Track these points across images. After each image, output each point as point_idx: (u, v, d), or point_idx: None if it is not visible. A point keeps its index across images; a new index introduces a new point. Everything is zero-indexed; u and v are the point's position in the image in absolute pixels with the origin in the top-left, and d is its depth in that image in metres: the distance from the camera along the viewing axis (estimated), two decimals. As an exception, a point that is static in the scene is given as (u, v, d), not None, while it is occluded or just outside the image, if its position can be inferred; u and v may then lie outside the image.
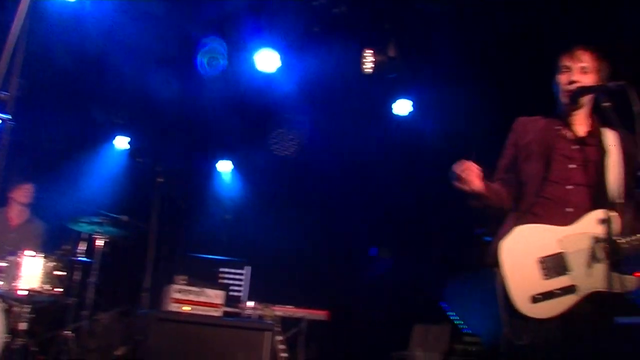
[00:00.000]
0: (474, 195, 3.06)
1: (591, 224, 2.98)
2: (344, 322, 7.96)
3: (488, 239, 8.24)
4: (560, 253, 2.96)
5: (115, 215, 5.68)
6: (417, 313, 8.57)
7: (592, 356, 2.95)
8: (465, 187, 2.99)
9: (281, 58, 6.47)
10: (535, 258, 2.98)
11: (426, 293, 9.21)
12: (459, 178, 2.99)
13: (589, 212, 3.01)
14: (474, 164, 3.00)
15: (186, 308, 4.82)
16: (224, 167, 8.23)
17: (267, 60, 6.45)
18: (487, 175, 3.20)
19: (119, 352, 5.01)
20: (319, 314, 6.03)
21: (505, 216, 3.27)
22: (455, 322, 8.72)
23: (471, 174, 2.98)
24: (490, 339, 7.71)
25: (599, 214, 2.97)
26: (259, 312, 5.42)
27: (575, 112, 3.20)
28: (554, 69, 3.27)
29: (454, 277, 9.16)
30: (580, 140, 3.16)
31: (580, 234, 2.97)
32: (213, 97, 7.01)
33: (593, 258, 2.92)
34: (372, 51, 6.25)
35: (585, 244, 2.95)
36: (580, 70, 3.13)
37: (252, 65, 6.52)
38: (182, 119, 7.39)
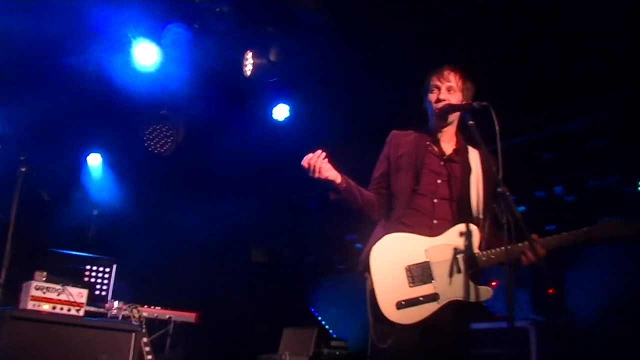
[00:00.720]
0: (330, 185, 3.17)
1: (455, 236, 3.17)
2: (213, 325, 7.89)
3: (359, 245, 8.52)
4: (426, 262, 3.13)
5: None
6: (289, 316, 8.68)
7: (449, 359, 3.15)
8: (318, 175, 3.10)
9: (160, 53, 6.31)
10: (403, 266, 3.12)
11: (298, 297, 9.35)
12: (308, 168, 3.11)
13: (455, 225, 3.20)
14: (319, 151, 3.12)
15: (45, 306, 4.57)
16: (94, 160, 7.89)
17: (145, 53, 6.26)
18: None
19: (-33, 353, 4.67)
20: (188, 316, 5.95)
21: (376, 225, 3.42)
22: (324, 326, 8.92)
23: (317, 160, 3.10)
24: (357, 343, 7.96)
25: (464, 227, 3.17)
26: (124, 312, 5.26)
27: (444, 129, 3.40)
28: (425, 87, 3.48)
29: (324, 282, 9.37)
30: (447, 157, 3.37)
31: (445, 245, 3.15)
32: (86, 86, 6.70)
33: (454, 269, 3.11)
34: (252, 53, 6.25)
35: (448, 255, 3.13)
36: (448, 89, 3.34)
37: (130, 58, 6.31)
38: (51, 106, 7.00)
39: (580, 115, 6.33)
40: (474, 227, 3.19)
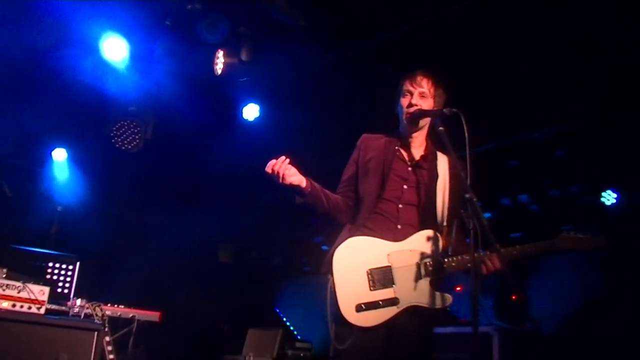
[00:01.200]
0: (295, 189, 3.18)
1: (418, 242, 3.20)
2: (177, 324, 7.82)
3: (326, 248, 8.52)
4: (388, 267, 3.15)
5: None
6: (255, 317, 8.66)
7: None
8: (282, 182, 3.10)
9: (129, 48, 6.23)
10: (365, 269, 3.14)
11: (264, 298, 9.34)
12: (273, 174, 3.10)
13: (419, 231, 3.23)
14: (283, 157, 3.12)
15: (5, 304, 4.46)
16: (59, 155, 7.74)
17: (114, 48, 6.17)
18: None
19: None
20: (152, 315, 5.86)
21: (343, 228, 3.43)
22: (289, 328, 8.92)
23: (281, 166, 3.10)
24: (322, 345, 7.98)
25: (428, 233, 3.21)
26: (87, 310, 5.16)
27: (414, 135, 3.42)
28: (397, 91, 3.49)
29: (291, 283, 9.37)
30: (415, 163, 3.39)
31: (407, 251, 3.18)
32: (53, 80, 6.59)
33: (416, 274, 3.14)
34: (223, 52, 6.21)
35: (411, 260, 3.16)
36: (420, 95, 3.36)
37: (98, 51, 6.21)
38: (16, 99, 6.86)
39: (546, 125, 6.44)
40: (437, 234, 3.23)
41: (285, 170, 3.10)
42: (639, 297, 5.79)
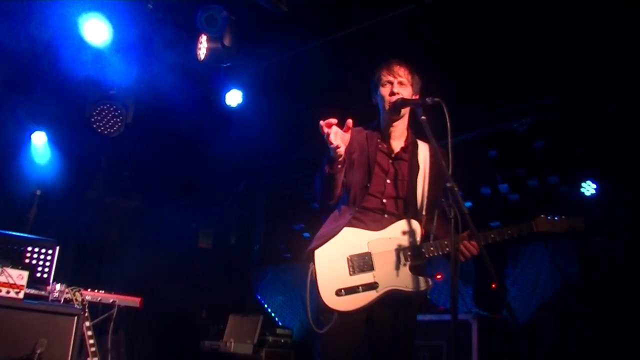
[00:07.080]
0: (332, 155, 3.12)
1: (397, 230, 3.27)
2: (158, 310, 7.80)
3: (307, 235, 8.47)
4: (367, 253, 3.22)
5: None
6: (235, 303, 8.67)
7: (392, 347, 3.22)
8: (332, 143, 3.04)
9: (111, 31, 6.14)
10: (345, 256, 3.21)
11: (244, 284, 9.35)
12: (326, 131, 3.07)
13: (397, 221, 3.30)
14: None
15: (-17, 289, 4.44)
16: (39, 138, 7.63)
17: (95, 30, 6.08)
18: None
19: None
20: (132, 300, 5.84)
21: (324, 215, 3.45)
22: (270, 314, 8.95)
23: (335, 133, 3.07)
24: (302, 331, 8.03)
25: (407, 222, 3.29)
26: (66, 295, 5.14)
27: (395, 124, 3.45)
28: (374, 82, 3.49)
29: (271, 270, 9.38)
30: (396, 156, 3.44)
31: (387, 239, 3.25)
32: (32, 62, 6.50)
33: (395, 260, 3.21)
34: (206, 37, 6.16)
35: (390, 247, 3.23)
36: (399, 83, 3.39)
37: (78, 33, 6.11)
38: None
39: (525, 115, 6.50)
40: (415, 222, 3.30)
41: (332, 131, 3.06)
42: (614, 287, 5.88)
